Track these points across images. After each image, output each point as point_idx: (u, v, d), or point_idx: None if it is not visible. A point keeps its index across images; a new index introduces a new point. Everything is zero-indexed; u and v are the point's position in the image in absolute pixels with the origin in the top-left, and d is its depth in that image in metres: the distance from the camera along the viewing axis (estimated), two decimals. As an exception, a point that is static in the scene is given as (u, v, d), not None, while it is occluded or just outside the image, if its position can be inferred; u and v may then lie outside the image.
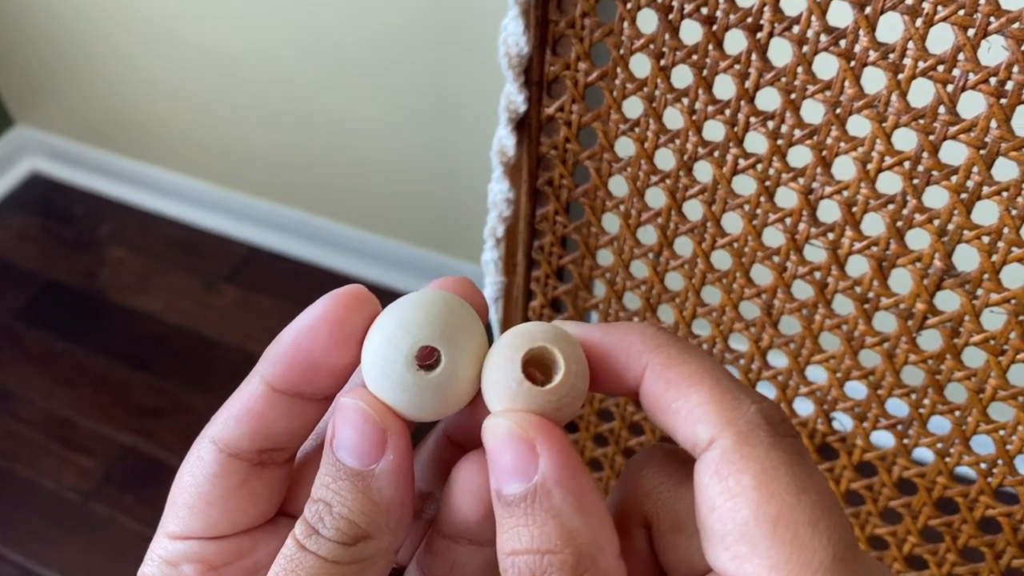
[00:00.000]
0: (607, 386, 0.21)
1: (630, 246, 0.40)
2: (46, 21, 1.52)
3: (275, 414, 0.21)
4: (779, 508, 0.18)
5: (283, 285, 1.53)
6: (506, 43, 0.35)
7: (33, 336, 1.47)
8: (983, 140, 0.31)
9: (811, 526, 0.18)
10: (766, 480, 0.18)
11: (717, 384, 0.20)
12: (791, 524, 0.18)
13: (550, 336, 0.20)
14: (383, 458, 0.20)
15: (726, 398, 0.19)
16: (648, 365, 0.20)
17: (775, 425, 0.19)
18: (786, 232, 0.36)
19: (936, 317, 0.35)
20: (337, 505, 0.20)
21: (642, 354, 0.20)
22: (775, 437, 0.19)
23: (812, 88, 0.33)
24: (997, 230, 0.32)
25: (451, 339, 0.20)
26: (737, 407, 0.19)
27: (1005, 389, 0.35)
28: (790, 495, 0.18)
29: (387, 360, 0.20)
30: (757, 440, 0.19)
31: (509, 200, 0.40)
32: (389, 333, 0.20)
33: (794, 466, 0.19)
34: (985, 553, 0.39)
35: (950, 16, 0.29)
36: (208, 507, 0.21)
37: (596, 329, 0.21)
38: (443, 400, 0.20)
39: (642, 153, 0.37)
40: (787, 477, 0.18)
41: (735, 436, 0.19)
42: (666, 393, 0.20)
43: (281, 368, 0.21)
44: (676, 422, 0.20)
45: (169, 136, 1.57)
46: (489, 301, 0.42)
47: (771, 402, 0.20)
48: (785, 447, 0.19)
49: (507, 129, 0.38)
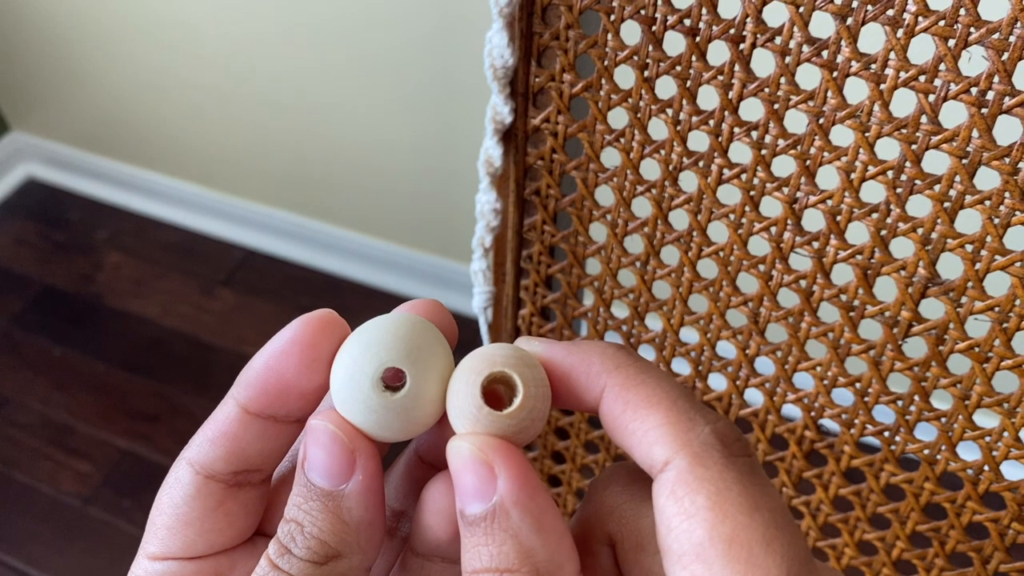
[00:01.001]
0: (569, 404, 0.22)
1: (617, 255, 0.40)
2: (41, 28, 1.52)
3: (249, 436, 0.21)
4: (733, 527, 0.18)
5: (280, 289, 1.53)
6: (491, 55, 0.35)
7: (30, 341, 1.47)
8: (965, 149, 0.31)
9: (764, 544, 0.18)
10: (720, 500, 0.19)
11: (672, 406, 0.20)
12: (745, 543, 0.18)
13: (510, 360, 0.20)
14: (352, 479, 0.20)
15: (681, 419, 0.20)
16: (607, 386, 0.21)
17: (729, 445, 0.19)
18: (771, 241, 0.36)
19: (921, 325, 0.35)
20: (308, 525, 0.20)
21: (601, 375, 0.21)
22: (728, 457, 0.19)
23: (795, 98, 0.33)
24: (980, 238, 0.32)
25: (416, 361, 0.20)
26: (691, 428, 0.19)
27: (990, 396, 0.35)
28: (743, 514, 0.18)
29: (354, 382, 0.20)
30: (711, 461, 0.19)
31: (497, 210, 0.40)
32: (356, 355, 0.20)
33: (747, 485, 0.19)
34: (973, 558, 0.39)
35: (931, 27, 0.29)
36: (186, 528, 0.22)
37: (559, 348, 0.21)
38: (409, 421, 0.21)
39: (628, 163, 0.37)
40: (740, 496, 0.19)
41: (689, 457, 0.19)
42: (623, 414, 0.20)
43: (254, 391, 0.21)
44: (633, 443, 0.20)
45: (165, 141, 1.57)
46: (478, 310, 0.42)
47: (726, 421, 0.20)
48: (739, 467, 0.19)
49: (493, 140, 0.38)
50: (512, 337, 0.46)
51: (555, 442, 0.49)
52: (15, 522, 1.25)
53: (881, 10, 0.30)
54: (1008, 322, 0.33)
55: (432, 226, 1.44)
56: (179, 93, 1.47)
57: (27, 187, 1.74)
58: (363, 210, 1.48)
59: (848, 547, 0.43)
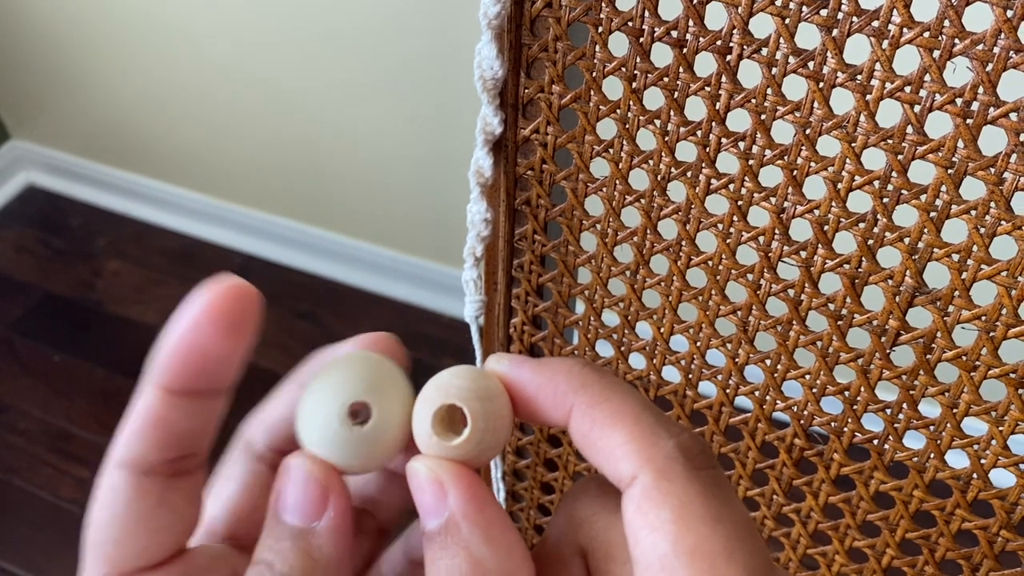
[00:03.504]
0: (538, 422, 0.22)
1: (607, 264, 0.40)
2: (42, 36, 1.52)
3: (177, 416, 0.21)
4: (696, 540, 0.19)
5: (279, 295, 1.53)
6: (480, 67, 0.36)
7: (30, 348, 1.47)
8: (951, 160, 0.31)
9: (726, 556, 0.19)
10: (683, 513, 0.19)
11: (636, 422, 0.20)
12: (708, 554, 0.19)
13: (463, 392, 0.22)
14: (324, 516, 0.21)
15: (645, 435, 0.20)
16: (574, 405, 0.21)
17: (692, 459, 0.20)
18: (759, 250, 0.36)
19: (909, 334, 0.35)
20: (279, 564, 0.21)
21: (568, 394, 0.21)
22: (692, 471, 0.20)
23: (782, 109, 0.33)
24: (967, 248, 0.32)
25: (379, 393, 0.22)
26: (655, 443, 0.20)
27: (978, 404, 0.35)
28: (706, 526, 0.19)
29: (322, 420, 0.21)
30: (674, 475, 0.20)
31: (487, 220, 0.40)
32: (320, 395, 0.21)
33: (710, 498, 0.19)
34: (963, 566, 0.39)
35: (916, 38, 0.30)
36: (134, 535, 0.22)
37: (527, 369, 0.22)
38: (378, 450, 0.22)
39: (617, 174, 0.38)
40: (703, 509, 0.19)
41: (653, 472, 0.20)
42: (591, 432, 0.21)
43: (175, 368, 0.21)
44: (601, 460, 0.21)
45: (165, 148, 1.57)
46: (470, 319, 0.42)
47: (690, 435, 0.21)
48: (702, 479, 0.20)
49: (484, 151, 0.38)
50: (504, 346, 0.46)
51: (547, 450, 0.49)
52: (14, 528, 1.25)
53: (866, 21, 0.30)
54: (995, 331, 0.33)
55: (429, 232, 1.44)
56: (179, 101, 1.48)
57: (27, 194, 1.75)
58: (361, 216, 1.48)
59: (838, 554, 0.43)
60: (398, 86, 1.27)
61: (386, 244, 1.49)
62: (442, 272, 1.45)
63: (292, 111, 1.38)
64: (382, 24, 1.21)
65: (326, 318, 1.50)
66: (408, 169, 1.37)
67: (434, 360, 1.41)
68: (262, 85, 1.37)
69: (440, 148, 1.31)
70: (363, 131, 1.35)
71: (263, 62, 1.34)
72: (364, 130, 1.35)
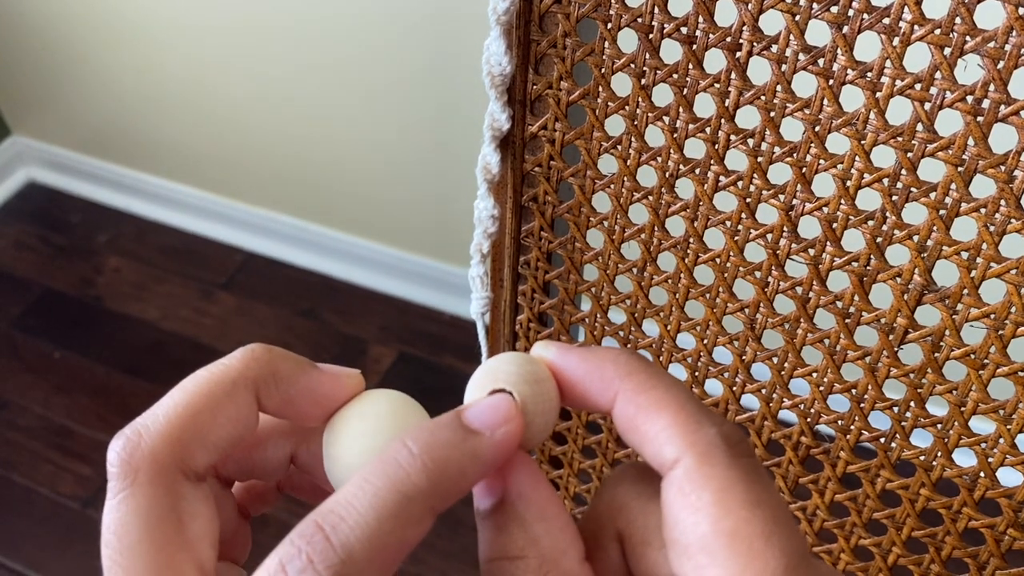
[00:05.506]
0: (583, 407, 0.23)
1: (614, 261, 0.40)
2: (42, 32, 1.52)
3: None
4: (735, 522, 0.20)
5: (280, 292, 1.53)
6: (489, 63, 0.35)
7: (30, 344, 1.47)
8: (961, 157, 0.31)
9: (764, 538, 0.19)
10: (724, 496, 0.20)
11: (681, 409, 0.21)
12: (746, 536, 0.19)
13: (513, 377, 0.22)
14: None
15: (688, 422, 0.21)
16: (620, 391, 0.22)
17: (733, 446, 0.21)
18: (768, 248, 0.36)
19: (917, 332, 0.35)
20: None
21: (614, 380, 0.22)
22: (732, 457, 0.20)
23: (791, 106, 0.33)
24: (976, 246, 0.32)
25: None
26: (699, 430, 0.21)
27: (986, 402, 0.35)
28: (745, 510, 0.20)
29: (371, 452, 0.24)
30: (716, 460, 0.20)
31: (494, 216, 0.40)
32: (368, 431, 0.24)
33: (750, 483, 0.20)
34: (969, 564, 0.39)
35: (926, 35, 0.30)
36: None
37: (574, 355, 0.23)
38: None
39: (625, 170, 0.37)
40: (743, 494, 0.20)
41: (696, 456, 0.20)
42: (635, 417, 0.22)
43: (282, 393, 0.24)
44: (644, 443, 0.22)
45: (165, 145, 1.57)
46: (476, 315, 0.42)
47: (731, 425, 0.21)
48: (742, 466, 0.20)
49: (491, 147, 0.38)
50: (510, 343, 0.46)
51: (552, 447, 0.49)
52: (14, 524, 1.25)
53: (877, 18, 0.30)
54: (1003, 329, 0.33)
55: (431, 230, 1.44)
56: (179, 97, 1.47)
57: (28, 191, 1.74)
58: (363, 214, 1.48)
59: (844, 553, 0.43)
60: (399, 84, 1.27)
61: (387, 241, 1.49)
62: (443, 270, 1.45)
63: (293, 108, 1.38)
64: (383, 21, 1.21)
65: (327, 315, 1.49)
66: (409, 166, 1.37)
67: (434, 358, 1.40)
68: (263, 82, 1.37)
69: (442, 146, 1.31)
70: (364, 129, 1.35)
71: (264, 59, 1.34)
72: (365, 128, 1.35)
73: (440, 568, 1.18)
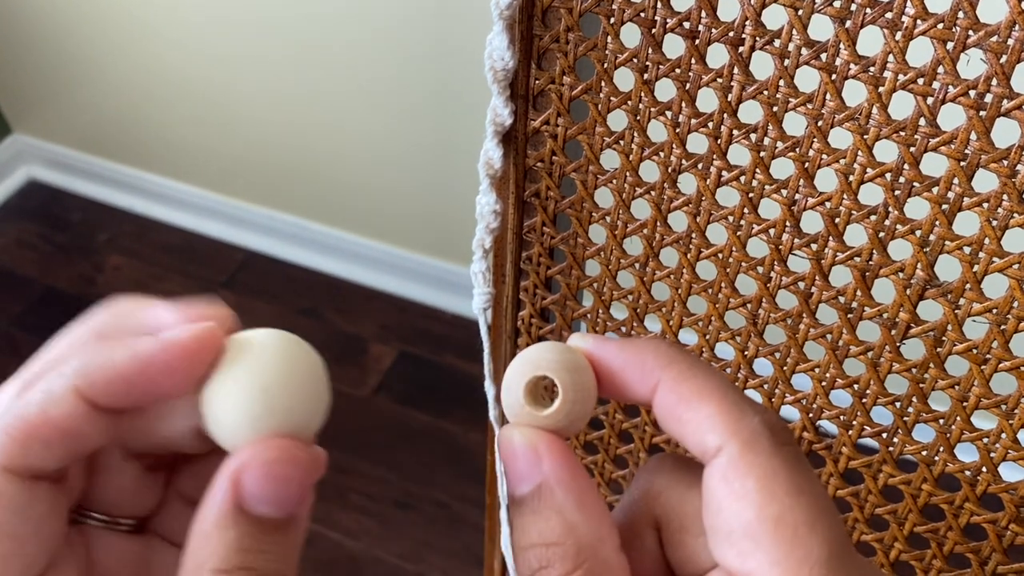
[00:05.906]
0: (621, 397, 0.23)
1: (616, 257, 0.40)
2: (43, 30, 1.52)
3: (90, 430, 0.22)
4: (779, 509, 0.20)
5: (280, 290, 1.53)
6: (491, 57, 0.35)
7: (31, 343, 1.47)
8: (963, 152, 0.31)
9: (808, 525, 0.20)
10: (768, 484, 0.20)
11: (724, 397, 0.21)
12: (790, 523, 0.20)
13: (553, 364, 0.22)
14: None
15: (732, 410, 0.21)
16: (660, 380, 0.22)
17: (776, 434, 0.21)
18: (770, 243, 0.36)
19: (919, 327, 0.35)
20: None
21: (655, 370, 0.22)
22: (776, 445, 0.21)
23: (794, 101, 0.33)
24: (978, 241, 0.32)
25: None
26: (742, 418, 0.21)
27: (988, 397, 0.35)
28: (789, 497, 0.20)
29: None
30: (760, 448, 0.20)
31: (496, 212, 0.40)
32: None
33: (793, 471, 0.20)
34: (971, 560, 0.39)
35: (929, 30, 0.30)
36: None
37: (612, 346, 0.23)
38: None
39: (627, 165, 0.37)
40: (787, 481, 0.20)
41: (740, 444, 0.21)
42: (677, 405, 0.22)
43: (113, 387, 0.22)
44: (687, 431, 0.22)
45: (166, 143, 1.57)
46: (478, 311, 0.42)
47: (773, 413, 0.22)
48: (785, 454, 0.21)
49: (493, 142, 0.38)
50: (512, 339, 0.46)
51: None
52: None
53: (880, 13, 0.30)
54: (1006, 324, 0.33)
55: (432, 228, 1.44)
56: (181, 96, 1.48)
57: (29, 189, 1.74)
58: (364, 212, 1.48)
59: (847, 549, 0.43)
60: (399, 82, 1.27)
61: (388, 240, 1.49)
62: (444, 268, 1.45)
63: (294, 106, 1.38)
64: (383, 20, 1.21)
65: (328, 314, 1.49)
66: (410, 165, 1.37)
67: (435, 357, 1.40)
68: (264, 80, 1.37)
69: (442, 144, 1.31)
70: (365, 127, 1.35)
71: (265, 57, 1.34)
72: (366, 126, 1.35)
73: (441, 567, 1.18)
